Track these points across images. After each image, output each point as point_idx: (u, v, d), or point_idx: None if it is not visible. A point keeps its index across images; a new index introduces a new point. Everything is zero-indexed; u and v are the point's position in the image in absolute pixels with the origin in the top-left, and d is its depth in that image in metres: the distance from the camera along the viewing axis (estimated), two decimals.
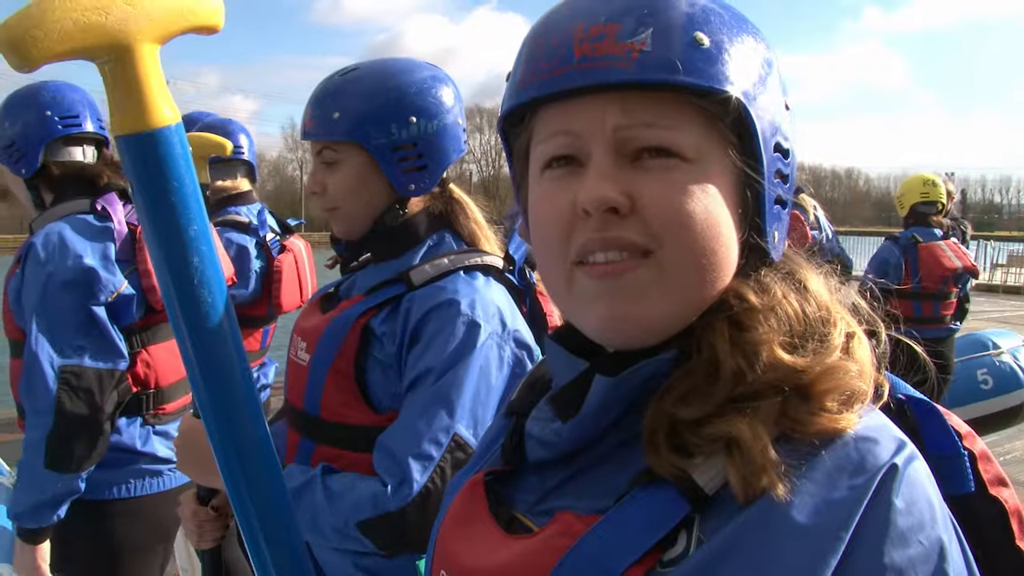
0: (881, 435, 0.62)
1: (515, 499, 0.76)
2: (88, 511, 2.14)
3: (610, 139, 0.65)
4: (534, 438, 0.75)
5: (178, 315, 0.75)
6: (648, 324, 0.67)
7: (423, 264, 1.46)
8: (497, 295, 1.47)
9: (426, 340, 1.37)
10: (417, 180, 1.47)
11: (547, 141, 0.70)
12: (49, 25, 0.62)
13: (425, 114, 1.45)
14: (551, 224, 0.69)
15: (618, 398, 0.68)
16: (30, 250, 2.10)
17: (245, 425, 0.80)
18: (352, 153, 1.45)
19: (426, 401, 1.34)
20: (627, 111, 0.65)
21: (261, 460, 0.82)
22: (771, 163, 0.69)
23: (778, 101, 0.71)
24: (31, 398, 2.02)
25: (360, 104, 1.43)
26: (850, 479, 0.59)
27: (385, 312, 1.43)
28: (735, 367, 0.64)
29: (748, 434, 0.60)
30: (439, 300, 1.39)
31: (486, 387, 1.37)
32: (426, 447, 1.30)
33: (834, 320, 0.69)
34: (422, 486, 1.28)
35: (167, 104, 0.70)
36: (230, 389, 0.79)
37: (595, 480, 0.70)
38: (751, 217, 0.69)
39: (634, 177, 0.65)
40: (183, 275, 0.73)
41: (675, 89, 0.64)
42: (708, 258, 0.65)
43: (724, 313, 0.67)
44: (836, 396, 0.63)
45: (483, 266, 1.49)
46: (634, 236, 0.64)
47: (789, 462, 0.60)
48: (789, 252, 0.75)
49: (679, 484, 0.62)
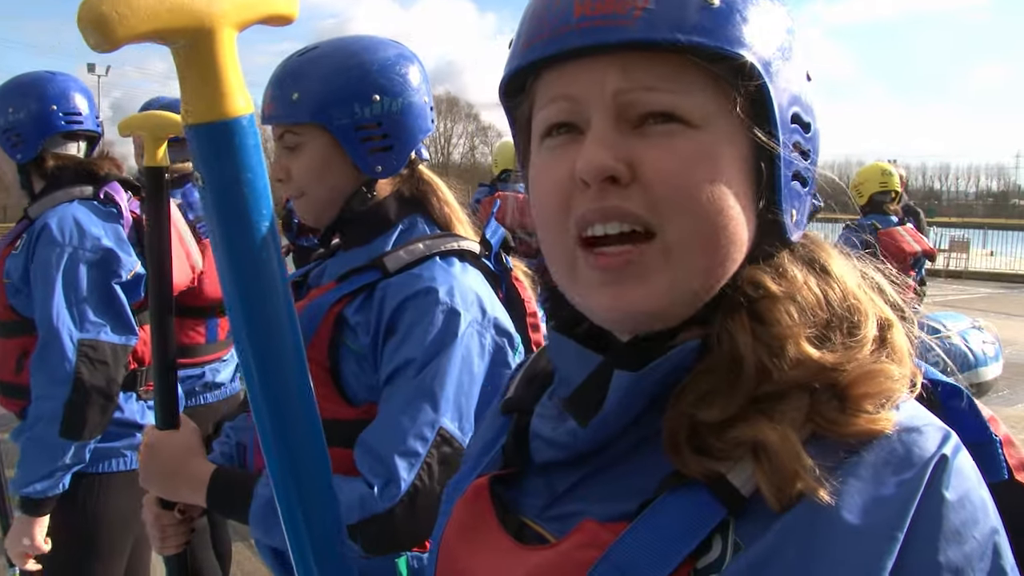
0: (924, 425, 0.59)
1: (521, 503, 0.71)
2: (89, 483, 2.26)
3: (610, 104, 0.61)
4: (542, 438, 0.70)
5: (240, 317, 0.70)
6: (656, 309, 0.62)
7: (397, 250, 1.40)
8: (475, 281, 1.42)
9: (404, 331, 1.32)
10: (383, 161, 1.41)
11: (546, 107, 0.65)
12: (137, 3, 0.58)
13: (389, 92, 1.39)
14: (548, 195, 0.65)
15: (640, 394, 0.63)
16: (43, 231, 2.20)
17: (303, 441, 0.74)
18: (314, 136, 1.39)
19: (408, 395, 1.28)
20: (628, 74, 0.60)
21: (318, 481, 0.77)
22: (788, 134, 0.64)
23: (797, 68, 0.66)
24: (47, 369, 2.13)
25: (320, 85, 1.37)
26: (898, 474, 0.55)
27: (359, 300, 1.37)
28: (758, 363, 0.60)
29: (776, 438, 0.56)
30: (416, 288, 1.34)
31: (469, 377, 1.32)
32: (411, 443, 1.25)
33: (864, 309, 0.64)
34: (410, 484, 1.23)
35: (242, 93, 0.66)
36: (292, 406, 0.74)
37: (612, 482, 0.65)
38: (767, 193, 0.64)
39: (635, 144, 0.61)
40: (251, 273, 0.69)
41: (681, 51, 0.59)
42: (716, 232, 0.61)
43: (741, 301, 0.63)
44: (875, 400, 0.59)
45: (459, 251, 1.44)
46: (634, 207, 0.60)
47: (826, 462, 0.56)
48: (810, 234, 0.71)
49: (712, 486, 0.58)
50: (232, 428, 1.62)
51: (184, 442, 1.44)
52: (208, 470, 1.39)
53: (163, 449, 1.43)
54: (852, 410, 0.58)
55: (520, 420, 0.76)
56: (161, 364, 1.44)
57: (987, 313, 11.70)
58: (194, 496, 1.39)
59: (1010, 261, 22.20)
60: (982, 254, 23.37)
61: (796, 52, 0.66)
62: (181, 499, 1.45)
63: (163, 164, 1.44)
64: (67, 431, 2.11)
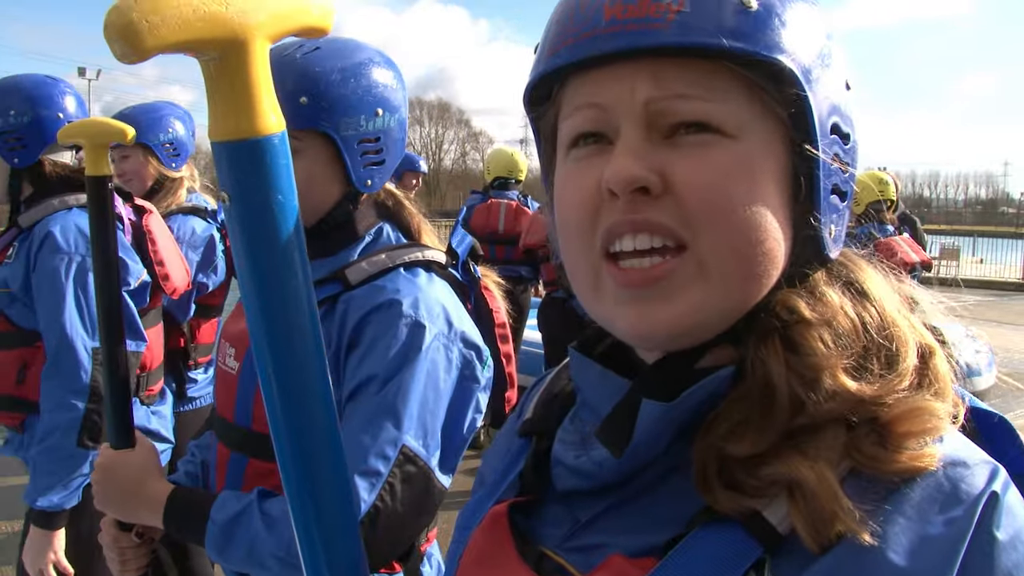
0: (971, 458, 0.56)
1: (541, 533, 0.68)
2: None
3: (640, 113, 0.58)
4: (564, 466, 0.67)
5: (265, 345, 0.65)
6: (685, 328, 0.59)
7: (359, 261, 1.34)
8: (441, 292, 1.36)
9: (366, 345, 1.26)
10: (374, 175, 1.37)
11: (573, 116, 0.62)
12: (168, 11, 0.54)
13: (389, 107, 1.36)
14: (574, 207, 0.62)
15: (671, 424, 0.60)
16: (46, 239, 2.15)
17: (330, 482, 0.71)
18: (315, 143, 1.31)
19: (370, 412, 1.22)
20: (660, 81, 0.57)
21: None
22: (827, 145, 0.61)
23: (837, 77, 0.62)
24: (62, 380, 2.09)
25: (332, 92, 1.29)
26: (945, 512, 0.53)
27: (320, 313, 1.32)
28: (792, 394, 0.57)
29: (812, 477, 0.53)
30: (378, 301, 1.28)
31: (434, 393, 1.26)
32: (372, 462, 1.19)
33: (904, 337, 0.61)
34: (370, 505, 1.18)
35: (274, 109, 0.62)
36: (316, 438, 0.69)
37: (638, 513, 0.63)
38: (805, 207, 0.61)
39: (667, 154, 0.58)
40: (279, 299, 0.64)
41: (716, 56, 0.56)
42: (751, 248, 0.58)
43: (775, 325, 0.60)
44: (918, 438, 0.55)
45: (425, 262, 1.38)
46: (666, 219, 0.57)
47: (867, 499, 0.53)
48: (847, 251, 0.68)
49: (747, 523, 0.55)
50: (197, 446, 1.56)
51: (140, 462, 1.38)
52: (165, 491, 1.34)
53: (119, 469, 1.37)
54: (894, 447, 0.55)
55: (539, 444, 0.73)
56: (114, 380, 1.38)
57: (977, 321, 11.76)
58: (152, 518, 1.34)
59: (1000, 269, 22.33)
60: (972, 262, 23.47)
61: (835, 59, 0.62)
62: (139, 521, 1.40)
63: (106, 173, 1.38)
64: (85, 440, 2.09)
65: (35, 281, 2.16)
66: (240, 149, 0.60)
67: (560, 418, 0.74)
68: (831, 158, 0.62)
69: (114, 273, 1.38)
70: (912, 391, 0.58)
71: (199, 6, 0.55)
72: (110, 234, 1.38)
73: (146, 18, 0.53)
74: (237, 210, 0.62)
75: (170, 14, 0.54)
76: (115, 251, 1.39)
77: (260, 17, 0.59)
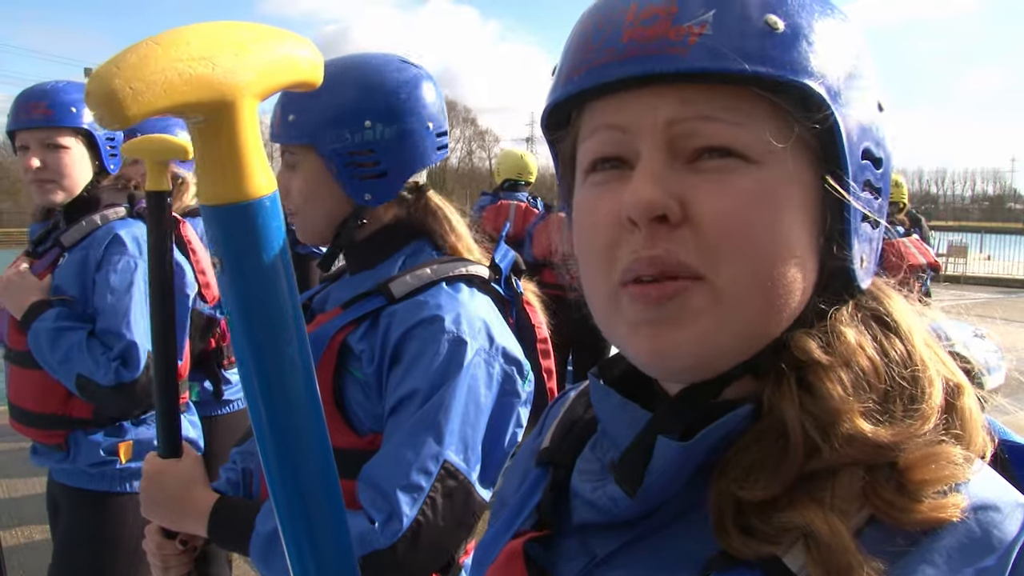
0: (1003, 501, 0.52)
1: (556, 566, 0.66)
2: (112, 505, 2.25)
3: (662, 134, 0.56)
4: (582, 498, 0.65)
5: (262, 415, 0.63)
6: (699, 358, 0.57)
7: (403, 275, 1.35)
8: (483, 308, 1.37)
9: (408, 360, 1.27)
10: (374, 188, 1.37)
11: (591, 138, 0.60)
12: (152, 76, 0.51)
13: (384, 118, 1.35)
14: (592, 235, 0.59)
15: (686, 463, 0.58)
16: (113, 240, 2.22)
17: (327, 536, 0.67)
18: (308, 157, 1.37)
19: (412, 427, 1.24)
20: (683, 102, 0.55)
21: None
22: (858, 172, 0.58)
23: (869, 98, 0.59)
24: (116, 367, 2.11)
25: (314, 106, 1.34)
26: (975, 562, 0.49)
27: (363, 327, 1.33)
28: (806, 438, 0.54)
29: (825, 529, 0.50)
30: (421, 316, 1.29)
31: (475, 408, 1.28)
32: (415, 477, 1.21)
33: (929, 375, 0.57)
34: (412, 520, 1.19)
35: (264, 170, 0.59)
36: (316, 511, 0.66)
37: (654, 551, 0.60)
38: (833, 237, 0.59)
39: (688, 179, 0.55)
40: (273, 367, 0.61)
41: (740, 81, 0.54)
42: (772, 280, 0.55)
43: (791, 365, 0.57)
44: (936, 486, 0.52)
45: (467, 276, 1.40)
46: (685, 257, 0.54)
47: (891, 547, 0.50)
48: (877, 281, 0.64)
49: (767, 569, 0.52)
50: (239, 453, 1.58)
51: (187, 471, 1.41)
52: (211, 500, 1.36)
53: (166, 478, 1.40)
54: (913, 495, 0.52)
55: (557, 473, 0.71)
56: (163, 390, 1.39)
57: (986, 319, 11.69)
58: (197, 527, 1.37)
59: (1008, 265, 22.20)
60: (979, 258, 23.38)
61: (868, 79, 0.60)
62: (184, 529, 1.42)
63: (165, 188, 1.41)
64: (81, 382, 2.11)
65: (101, 274, 2.19)
66: (229, 213, 0.58)
67: (578, 448, 0.72)
68: (862, 185, 0.59)
69: (170, 286, 1.39)
70: (935, 433, 0.55)
71: (185, 69, 0.52)
72: (168, 247, 1.40)
73: (130, 84, 0.50)
74: (229, 276, 0.60)
75: (155, 79, 0.51)
76: (171, 264, 1.41)
77: (248, 76, 0.56)
